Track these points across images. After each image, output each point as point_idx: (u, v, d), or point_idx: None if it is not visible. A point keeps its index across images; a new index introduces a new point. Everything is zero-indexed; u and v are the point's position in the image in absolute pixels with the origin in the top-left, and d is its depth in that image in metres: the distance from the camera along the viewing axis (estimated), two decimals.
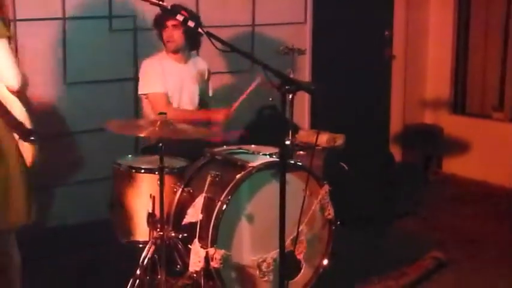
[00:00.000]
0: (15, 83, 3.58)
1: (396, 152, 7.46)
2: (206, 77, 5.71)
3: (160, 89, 5.36)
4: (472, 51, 7.52)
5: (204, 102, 5.71)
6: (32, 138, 3.69)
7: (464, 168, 7.35)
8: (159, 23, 5.36)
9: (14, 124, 3.63)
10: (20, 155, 3.72)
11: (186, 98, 5.53)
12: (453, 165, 7.47)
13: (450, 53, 7.61)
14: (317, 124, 7.01)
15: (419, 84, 7.76)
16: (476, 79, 7.47)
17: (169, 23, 5.26)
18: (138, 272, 4.39)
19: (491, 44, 7.27)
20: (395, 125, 7.59)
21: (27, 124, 3.69)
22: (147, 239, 4.67)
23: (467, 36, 7.53)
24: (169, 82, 5.40)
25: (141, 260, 4.40)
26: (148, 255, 4.43)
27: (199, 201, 4.45)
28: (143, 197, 4.71)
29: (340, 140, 5.89)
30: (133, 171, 4.78)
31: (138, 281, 4.38)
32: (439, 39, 7.66)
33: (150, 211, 4.66)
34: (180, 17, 3.50)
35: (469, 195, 6.97)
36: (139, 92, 5.44)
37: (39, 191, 3.96)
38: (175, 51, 5.40)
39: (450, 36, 7.58)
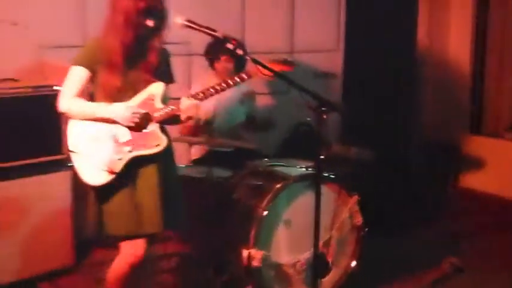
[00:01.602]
0: (58, 105, 3.61)
1: (418, 166, 7.45)
2: (250, 98, 5.76)
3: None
4: (487, 79, 7.48)
5: (251, 119, 5.75)
6: None
7: (480, 183, 7.32)
8: (213, 54, 5.42)
9: None
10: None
11: (232, 117, 5.56)
12: (470, 180, 7.44)
13: (469, 80, 7.58)
14: (348, 140, 7.02)
15: (440, 105, 7.73)
16: (491, 103, 7.44)
17: (223, 57, 5.33)
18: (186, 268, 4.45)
19: (505, 72, 7.25)
20: (418, 142, 7.58)
21: None
22: (195, 239, 4.73)
23: (483, 66, 7.50)
24: (215, 102, 5.44)
25: (189, 257, 4.46)
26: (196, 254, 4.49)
27: None
28: (193, 202, 4.77)
29: (368, 154, 5.90)
30: (185, 179, 4.84)
31: (186, 275, 4.43)
32: (458, 69, 7.62)
33: (199, 215, 4.73)
34: (230, 46, 3.57)
35: (484, 207, 6.93)
36: None
37: None
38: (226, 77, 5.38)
39: (468, 66, 7.55)
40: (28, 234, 4.77)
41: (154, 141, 3.61)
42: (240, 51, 3.60)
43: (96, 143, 3.56)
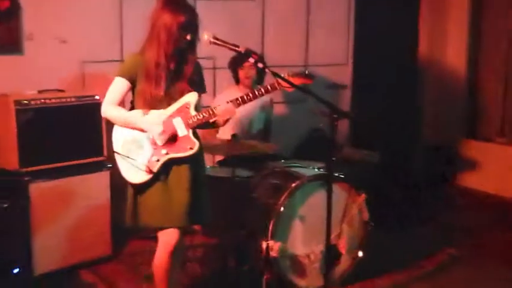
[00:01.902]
0: (102, 111, 3.64)
1: (419, 167, 7.43)
2: (269, 105, 5.75)
3: None
4: (480, 90, 7.44)
5: (269, 125, 5.74)
6: None
7: (475, 182, 7.29)
8: (237, 63, 5.41)
9: None
10: None
11: (253, 123, 5.57)
12: (466, 180, 7.41)
13: (464, 92, 7.54)
14: (356, 143, 7.01)
15: (438, 112, 7.70)
16: (484, 110, 7.40)
17: (246, 64, 5.32)
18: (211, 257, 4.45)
19: (495, 82, 7.21)
20: (420, 145, 7.55)
21: None
22: (220, 232, 4.74)
23: (477, 76, 7.46)
24: (240, 110, 5.41)
25: (214, 248, 4.46)
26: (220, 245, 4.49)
27: None
28: (218, 199, 4.77)
29: (375, 156, 5.88)
30: (211, 179, 4.84)
31: (211, 264, 4.43)
32: (455, 80, 7.59)
33: (223, 210, 4.73)
34: (252, 60, 3.57)
35: (479, 204, 6.89)
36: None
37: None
38: (249, 85, 5.41)
39: (464, 78, 7.52)
40: (72, 226, 4.80)
41: (188, 144, 3.61)
42: (260, 65, 3.59)
43: (137, 145, 3.59)
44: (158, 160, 3.56)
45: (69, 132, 4.78)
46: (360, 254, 4.73)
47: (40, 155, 4.66)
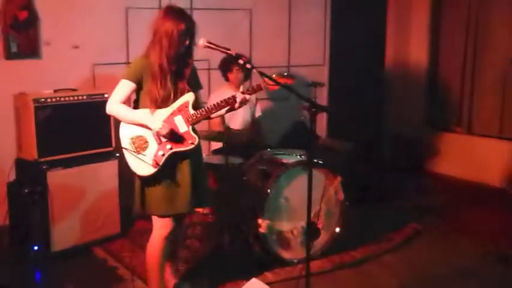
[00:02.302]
0: (106, 108, 3.54)
1: (387, 154, 7.41)
2: (254, 102, 5.68)
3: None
4: (439, 84, 7.43)
5: (254, 119, 5.67)
6: None
7: (435, 165, 7.28)
8: (227, 67, 5.34)
9: None
10: None
11: (243, 116, 5.48)
12: (428, 164, 7.39)
13: (425, 86, 7.53)
14: (333, 133, 6.99)
15: (403, 106, 7.69)
16: (443, 104, 7.38)
17: (235, 68, 5.26)
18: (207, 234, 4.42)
19: (453, 77, 7.19)
20: (387, 134, 7.54)
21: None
22: (214, 212, 4.70)
23: (437, 72, 7.44)
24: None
25: (211, 226, 4.43)
26: (215, 223, 4.46)
27: None
28: (213, 183, 4.72)
29: (349, 145, 5.86)
30: (207, 165, 4.79)
31: (207, 239, 4.40)
32: (417, 76, 7.58)
33: (218, 193, 4.69)
34: (241, 61, 3.51)
35: (440, 185, 6.89)
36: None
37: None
38: (238, 86, 5.36)
39: (425, 73, 7.51)
40: (84, 209, 4.77)
41: (189, 139, 3.56)
42: (248, 66, 3.54)
43: (144, 141, 3.51)
44: (163, 154, 3.49)
45: (82, 126, 4.75)
46: (337, 229, 4.69)
47: (56, 147, 4.64)
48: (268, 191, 4.34)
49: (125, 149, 3.50)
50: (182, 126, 3.55)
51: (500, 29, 6.64)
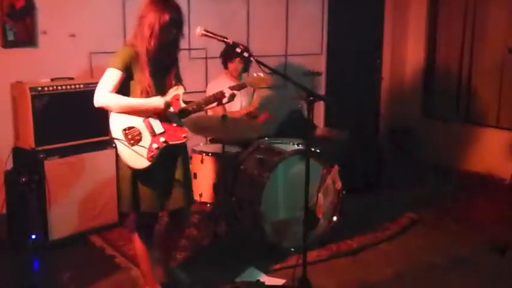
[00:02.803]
0: (95, 99, 3.39)
1: (384, 143, 7.40)
2: (251, 91, 5.68)
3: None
4: (437, 74, 7.43)
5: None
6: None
7: (433, 155, 7.28)
8: (229, 56, 5.31)
9: None
10: None
11: (239, 106, 5.48)
12: (424, 154, 7.40)
13: (422, 76, 7.53)
14: (329, 123, 6.98)
15: (400, 96, 7.69)
16: (439, 94, 7.38)
17: (237, 58, 5.25)
18: (205, 222, 4.44)
19: (451, 67, 7.19)
20: (383, 124, 7.53)
21: None
22: (212, 201, 4.70)
23: (434, 62, 7.44)
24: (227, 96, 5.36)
25: (208, 215, 4.45)
26: (213, 212, 4.47)
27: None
28: (210, 172, 4.73)
29: (345, 134, 5.86)
30: (204, 154, 4.81)
31: (205, 228, 4.42)
32: (414, 66, 7.59)
33: (215, 182, 4.70)
34: (238, 49, 3.50)
35: (437, 174, 6.89)
36: None
37: None
38: (236, 76, 5.37)
39: (422, 63, 7.51)
40: (82, 198, 4.77)
41: (182, 133, 3.52)
42: (246, 54, 3.53)
43: (137, 133, 3.42)
44: (158, 147, 3.42)
45: (79, 115, 4.71)
46: (334, 218, 4.70)
47: (53, 135, 4.63)
48: (266, 180, 4.34)
49: (119, 140, 3.40)
50: (175, 120, 3.52)
51: (497, 18, 6.63)
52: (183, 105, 3.53)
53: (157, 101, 3.41)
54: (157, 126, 3.47)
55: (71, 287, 4.02)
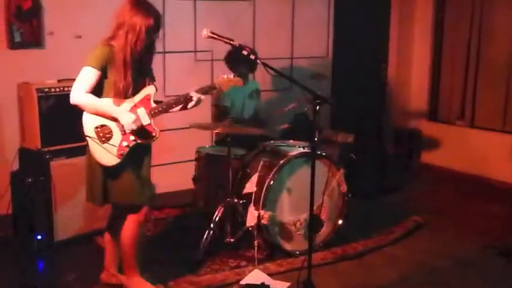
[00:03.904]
0: (71, 98, 3.45)
1: (389, 147, 7.40)
2: (257, 94, 5.66)
3: (220, 103, 5.29)
4: (443, 78, 7.42)
5: (256, 113, 5.66)
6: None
7: (437, 159, 7.26)
8: (232, 62, 5.28)
9: None
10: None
11: (245, 110, 5.46)
12: (429, 157, 7.38)
13: (427, 79, 7.52)
14: (335, 126, 6.98)
15: (405, 99, 7.68)
16: (445, 97, 7.37)
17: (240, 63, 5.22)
18: (211, 225, 4.42)
19: (456, 72, 7.18)
20: (389, 127, 7.53)
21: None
22: (217, 203, 4.69)
23: (440, 66, 7.44)
24: (234, 98, 5.37)
25: (213, 218, 4.43)
26: (219, 215, 4.46)
27: (254, 178, 4.47)
28: (216, 173, 4.73)
29: (351, 137, 5.85)
30: (210, 156, 4.80)
31: (211, 231, 4.40)
32: (420, 69, 7.58)
33: (220, 183, 4.69)
34: (244, 52, 3.50)
35: (440, 177, 6.89)
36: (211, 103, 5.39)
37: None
38: (242, 79, 5.34)
39: (428, 67, 7.49)
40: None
41: (152, 132, 3.58)
42: (252, 56, 3.53)
43: (108, 131, 3.49)
44: (128, 146, 3.50)
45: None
46: (340, 221, 4.69)
47: (59, 136, 4.63)
48: (271, 182, 4.34)
49: (90, 137, 3.47)
50: (145, 119, 3.54)
51: (504, 20, 6.62)
52: (153, 105, 3.58)
53: (126, 116, 3.47)
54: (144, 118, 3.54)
55: (75, 287, 4.02)
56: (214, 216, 4.44)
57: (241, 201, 4.51)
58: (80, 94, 3.42)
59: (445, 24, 7.34)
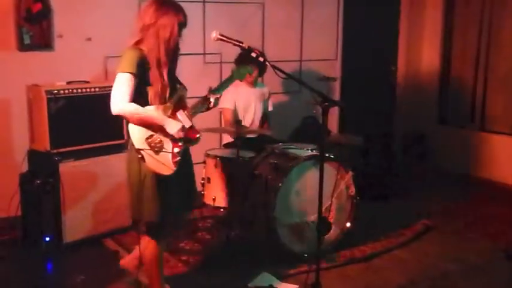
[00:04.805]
0: (112, 108, 3.28)
1: (398, 150, 7.38)
2: (267, 97, 5.67)
3: (229, 106, 5.31)
4: (452, 81, 7.40)
5: (265, 115, 5.67)
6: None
7: (447, 162, 7.24)
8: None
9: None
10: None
11: (253, 113, 5.46)
12: (438, 161, 7.36)
13: (437, 83, 7.50)
14: (344, 128, 6.98)
15: (415, 102, 7.66)
16: (454, 100, 7.35)
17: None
18: (219, 227, 4.44)
19: (466, 75, 7.15)
20: (398, 130, 7.51)
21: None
22: (226, 205, 4.70)
23: (449, 69, 7.42)
24: (242, 101, 5.36)
25: (221, 219, 4.45)
26: (226, 216, 4.47)
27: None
28: (224, 176, 4.73)
29: (359, 140, 5.83)
30: (218, 159, 4.81)
31: (219, 232, 4.42)
32: (429, 73, 7.55)
33: (229, 186, 4.70)
34: (254, 54, 3.49)
35: (449, 181, 6.86)
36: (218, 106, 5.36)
37: None
38: (252, 83, 5.38)
39: (437, 70, 7.47)
40: (96, 201, 4.78)
41: (196, 133, 3.49)
42: (261, 59, 3.52)
43: (158, 140, 3.34)
44: (179, 152, 3.39)
45: (93, 118, 4.74)
46: (348, 224, 4.69)
47: (68, 138, 4.66)
48: (280, 184, 4.34)
49: (143, 150, 3.31)
50: (186, 122, 3.45)
51: None
52: (189, 106, 3.52)
53: (173, 124, 3.35)
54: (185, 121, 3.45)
55: None
56: (222, 217, 4.44)
57: (249, 203, 4.51)
58: (121, 103, 3.25)
59: (454, 27, 7.31)
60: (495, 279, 4.28)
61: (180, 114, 3.45)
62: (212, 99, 3.61)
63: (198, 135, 3.50)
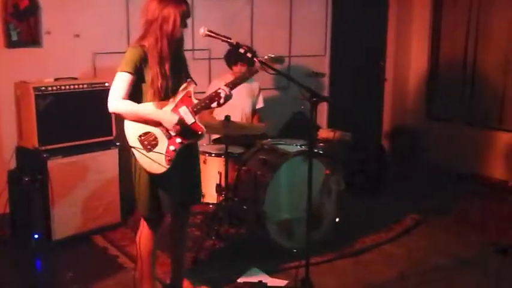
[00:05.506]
0: (108, 106, 3.26)
1: (386, 144, 7.39)
2: (256, 93, 5.66)
3: None
4: (440, 76, 7.42)
5: (254, 110, 5.66)
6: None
7: (436, 157, 7.25)
8: (232, 60, 5.36)
9: None
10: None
11: (242, 108, 5.48)
12: (427, 155, 7.37)
13: (426, 76, 7.51)
14: (332, 124, 6.98)
15: (404, 98, 7.68)
16: (443, 95, 7.37)
17: (239, 62, 5.29)
18: (208, 223, 4.43)
19: (454, 69, 7.17)
20: (387, 126, 7.52)
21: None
22: (215, 201, 4.69)
23: (438, 64, 7.43)
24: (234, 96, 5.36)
25: (211, 215, 4.44)
26: (216, 212, 4.46)
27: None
28: (213, 172, 4.73)
29: (348, 135, 5.85)
30: (207, 155, 4.80)
31: (208, 228, 4.41)
32: (418, 67, 7.56)
33: (218, 183, 4.69)
34: (242, 50, 3.47)
35: (438, 174, 6.87)
36: None
37: None
38: None
39: (425, 65, 7.48)
40: (85, 198, 4.76)
41: (198, 130, 3.39)
42: (249, 55, 3.50)
43: (153, 138, 3.30)
44: (175, 150, 3.32)
45: (82, 115, 4.72)
46: (337, 219, 4.69)
47: (57, 135, 4.63)
48: (269, 180, 4.33)
49: (135, 148, 3.28)
50: (189, 118, 3.36)
51: (501, 21, 6.58)
52: (195, 101, 3.41)
53: (169, 116, 3.30)
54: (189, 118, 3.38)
55: (73, 287, 4.00)
56: (211, 214, 4.44)
57: (238, 199, 4.50)
58: (116, 101, 3.24)
59: (442, 23, 7.32)
60: (485, 273, 4.29)
61: (183, 110, 3.37)
62: (222, 95, 3.46)
63: (201, 132, 3.41)
